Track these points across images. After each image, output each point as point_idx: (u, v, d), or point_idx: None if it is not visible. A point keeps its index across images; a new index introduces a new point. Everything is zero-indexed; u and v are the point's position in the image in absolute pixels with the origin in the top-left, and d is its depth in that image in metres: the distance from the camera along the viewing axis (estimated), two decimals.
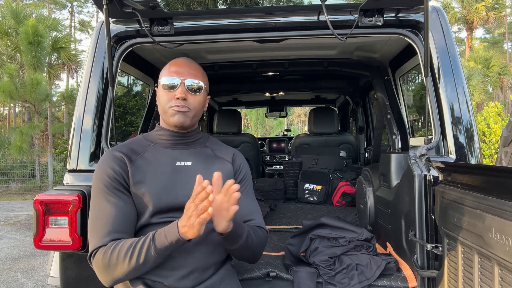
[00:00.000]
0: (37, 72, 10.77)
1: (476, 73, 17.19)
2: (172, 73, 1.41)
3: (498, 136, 7.80)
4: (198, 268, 1.33)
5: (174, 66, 1.44)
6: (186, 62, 1.46)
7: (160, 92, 1.44)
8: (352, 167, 4.01)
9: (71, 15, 33.80)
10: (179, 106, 1.38)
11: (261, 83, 4.20)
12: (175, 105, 1.38)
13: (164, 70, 1.46)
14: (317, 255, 1.80)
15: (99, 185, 1.33)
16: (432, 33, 1.89)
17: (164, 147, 1.44)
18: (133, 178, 1.34)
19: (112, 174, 1.32)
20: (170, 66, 1.45)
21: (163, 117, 1.44)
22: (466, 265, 1.36)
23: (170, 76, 1.40)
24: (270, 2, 10.21)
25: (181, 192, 1.35)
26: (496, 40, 38.33)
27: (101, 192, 1.32)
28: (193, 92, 1.41)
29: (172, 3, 8.19)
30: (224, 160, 1.50)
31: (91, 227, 1.30)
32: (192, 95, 1.40)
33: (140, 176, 1.34)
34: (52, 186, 10.91)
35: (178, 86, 1.39)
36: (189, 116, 1.41)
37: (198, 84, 1.42)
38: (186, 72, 1.41)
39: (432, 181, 1.60)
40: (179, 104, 1.38)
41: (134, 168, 1.35)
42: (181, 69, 1.42)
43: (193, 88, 1.41)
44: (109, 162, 1.35)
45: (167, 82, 1.40)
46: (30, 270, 4.84)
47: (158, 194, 1.33)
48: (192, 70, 1.43)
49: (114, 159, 1.35)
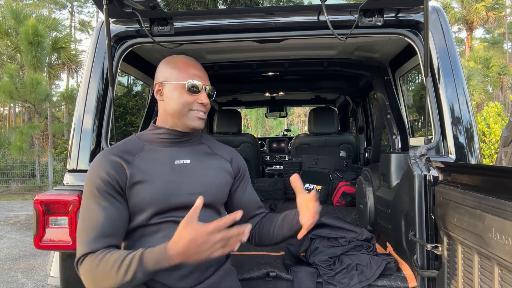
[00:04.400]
0: (37, 72, 10.77)
1: (476, 73, 17.19)
2: (195, 76, 1.40)
3: (498, 136, 7.80)
4: (198, 268, 1.33)
5: (193, 68, 1.42)
6: (201, 66, 1.47)
7: (176, 92, 1.38)
8: (352, 167, 4.01)
9: (71, 15, 33.82)
10: (202, 112, 1.41)
11: (261, 83, 4.20)
12: (197, 109, 1.40)
13: (179, 70, 1.41)
14: (317, 255, 1.80)
15: (91, 188, 1.28)
16: (432, 33, 1.89)
17: (160, 146, 1.42)
18: (132, 179, 1.30)
19: (106, 179, 1.27)
20: (187, 67, 1.42)
21: (177, 118, 1.39)
22: (466, 265, 1.36)
23: (193, 79, 1.39)
24: (270, 2, 10.20)
25: (183, 190, 1.34)
26: (496, 40, 38.33)
27: (92, 195, 1.28)
28: (210, 97, 1.45)
29: (172, 3, 8.19)
30: (222, 158, 1.51)
31: (80, 231, 1.25)
32: (207, 100, 1.43)
33: (140, 176, 1.32)
34: (52, 186, 10.90)
35: (201, 91, 1.40)
36: (204, 122, 1.45)
37: (212, 89, 1.46)
38: (205, 77, 1.44)
39: (432, 181, 1.60)
40: (202, 109, 1.41)
41: (132, 169, 1.32)
42: (202, 73, 1.43)
43: (211, 93, 1.45)
44: (104, 166, 1.30)
45: (191, 85, 1.39)
46: (30, 270, 4.84)
47: (160, 194, 1.31)
48: (206, 75, 1.47)
49: (109, 163, 1.31)
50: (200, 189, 1.36)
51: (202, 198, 1.14)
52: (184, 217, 1.30)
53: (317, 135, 4.29)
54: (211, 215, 1.39)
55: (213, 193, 1.40)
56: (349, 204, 3.38)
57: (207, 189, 1.38)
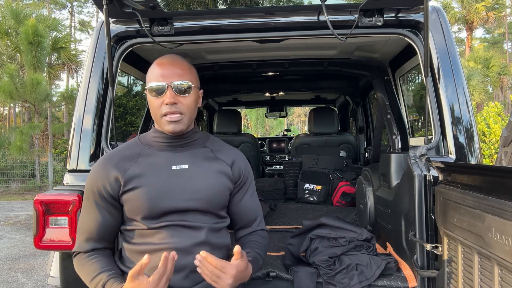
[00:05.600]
0: (37, 72, 10.77)
1: (476, 73, 17.19)
2: (158, 76, 1.32)
3: (498, 136, 7.80)
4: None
5: (158, 68, 1.34)
6: (170, 61, 1.36)
7: (148, 96, 1.35)
8: (352, 167, 4.02)
9: (71, 15, 33.82)
10: (170, 114, 1.31)
11: (261, 83, 4.20)
12: (166, 113, 1.31)
13: (149, 73, 1.37)
14: (317, 255, 1.80)
15: (88, 191, 1.38)
16: (432, 33, 1.89)
17: (159, 150, 1.40)
18: (125, 187, 1.32)
19: (100, 189, 1.34)
20: (154, 68, 1.36)
21: (157, 123, 1.39)
22: (466, 265, 1.36)
23: (156, 80, 1.32)
24: (270, 2, 10.21)
25: (178, 196, 1.33)
26: (496, 40, 38.33)
27: (89, 198, 1.38)
28: (183, 93, 1.32)
29: (172, 3, 8.19)
30: (223, 162, 1.45)
31: (78, 227, 1.41)
32: (182, 97, 1.33)
33: (135, 182, 1.32)
34: (52, 186, 10.91)
35: (166, 91, 1.30)
36: (184, 122, 1.35)
37: (186, 83, 1.33)
38: (171, 74, 1.32)
39: (432, 181, 1.60)
40: (170, 110, 1.31)
41: (126, 177, 1.33)
42: (166, 71, 1.32)
43: (182, 89, 1.32)
44: (100, 174, 1.36)
45: (153, 87, 1.32)
46: (30, 270, 4.84)
47: (153, 200, 1.31)
48: (177, 69, 1.34)
49: (105, 174, 1.34)
50: (196, 195, 1.35)
51: (167, 255, 1.16)
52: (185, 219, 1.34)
53: (317, 135, 4.29)
54: (209, 220, 1.38)
55: (210, 199, 1.37)
56: (349, 204, 3.38)
57: (204, 195, 1.36)
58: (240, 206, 1.49)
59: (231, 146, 1.56)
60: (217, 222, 1.41)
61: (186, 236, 1.33)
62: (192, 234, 1.33)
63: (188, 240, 1.32)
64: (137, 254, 1.33)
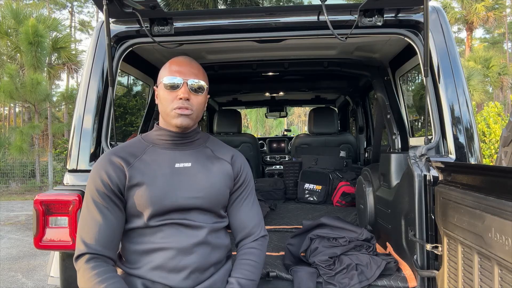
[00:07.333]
0: (37, 72, 10.76)
1: (476, 73, 17.18)
2: (174, 72, 1.37)
3: (498, 136, 7.80)
4: (198, 269, 1.33)
5: (175, 65, 1.40)
6: (187, 61, 1.43)
7: (161, 91, 1.40)
8: (352, 167, 4.02)
9: (71, 15, 33.81)
10: (182, 108, 1.35)
11: (261, 83, 4.20)
12: (178, 107, 1.35)
13: (164, 69, 1.42)
14: (317, 255, 1.80)
15: (92, 187, 1.33)
16: (432, 33, 1.89)
17: (163, 148, 1.42)
18: (130, 181, 1.32)
19: (106, 180, 1.31)
20: (171, 65, 1.41)
21: (165, 118, 1.41)
22: (466, 265, 1.36)
23: (172, 75, 1.37)
24: (270, 2, 10.21)
25: (181, 194, 1.34)
26: (496, 40, 38.32)
27: (92, 195, 1.32)
28: (195, 92, 1.38)
29: (172, 3, 8.19)
30: (224, 160, 1.48)
31: (80, 229, 1.31)
32: (194, 95, 1.38)
33: (139, 178, 1.33)
34: (52, 186, 10.90)
35: (181, 86, 1.36)
36: (192, 118, 1.39)
37: (199, 83, 1.39)
38: (188, 72, 1.39)
39: (432, 181, 1.60)
40: (182, 105, 1.35)
41: (132, 171, 1.34)
42: (183, 69, 1.39)
43: (195, 87, 1.38)
44: (105, 166, 1.33)
45: (168, 82, 1.37)
46: (30, 270, 4.84)
47: (157, 197, 1.32)
48: (193, 69, 1.41)
49: (111, 163, 1.34)
50: (198, 193, 1.36)
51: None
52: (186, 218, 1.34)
53: (317, 135, 4.29)
54: (209, 219, 1.39)
55: (212, 198, 1.39)
56: (349, 204, 3.38)
57: (206, 193, 1.38)
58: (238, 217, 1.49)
59: (229, 146, 1.59)
60: (217, 222, 1.42)
61: (187, 235, 1.33)
62: (192, 233, 1.34)
63: (189, 240, 1.32)
64: (137, 254, 1.33)
